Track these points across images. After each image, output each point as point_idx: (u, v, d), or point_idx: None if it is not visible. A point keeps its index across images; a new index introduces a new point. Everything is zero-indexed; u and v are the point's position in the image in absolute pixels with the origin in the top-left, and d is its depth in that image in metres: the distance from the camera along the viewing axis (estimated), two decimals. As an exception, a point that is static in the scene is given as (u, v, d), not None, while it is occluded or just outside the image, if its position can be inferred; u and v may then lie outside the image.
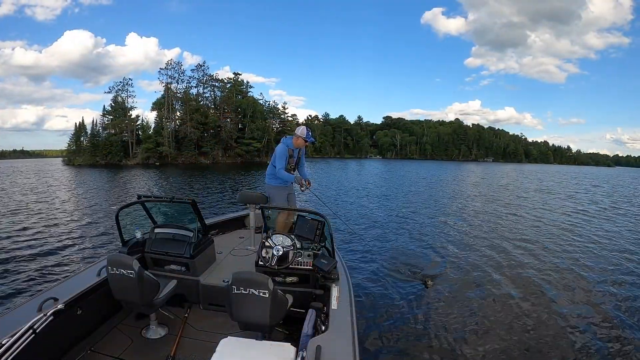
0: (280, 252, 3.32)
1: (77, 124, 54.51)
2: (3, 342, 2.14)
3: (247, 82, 68.78)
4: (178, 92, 59.74)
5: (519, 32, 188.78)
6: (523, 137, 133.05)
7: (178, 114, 58.98)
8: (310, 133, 4.67)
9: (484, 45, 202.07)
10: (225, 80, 65.72)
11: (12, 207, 13.15)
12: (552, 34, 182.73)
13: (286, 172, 4.57)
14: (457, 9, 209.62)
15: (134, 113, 56.59)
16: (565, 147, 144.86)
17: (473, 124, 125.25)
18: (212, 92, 64.35)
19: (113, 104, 55.45)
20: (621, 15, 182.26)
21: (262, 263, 3.40)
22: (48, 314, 2.47)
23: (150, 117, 59.47)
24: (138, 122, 56.75)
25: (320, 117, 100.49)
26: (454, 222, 11.58)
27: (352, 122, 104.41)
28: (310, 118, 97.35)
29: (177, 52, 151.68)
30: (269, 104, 70.07)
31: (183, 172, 34.00)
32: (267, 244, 3.45)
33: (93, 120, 55.44)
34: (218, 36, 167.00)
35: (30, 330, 2.30)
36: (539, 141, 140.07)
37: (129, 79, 60.64)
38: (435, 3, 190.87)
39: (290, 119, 73.52)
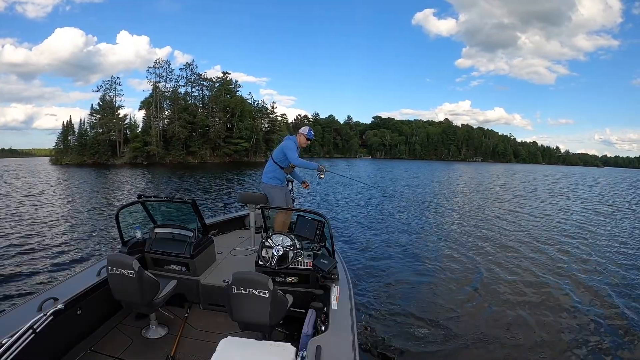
0: (280, 252, 3.34)
1: (65, 123, 53.38)
2: (3, 342, 2.13)
3: (236, 81, 68.54)
4: (166, 91, 59.04)
5: (510, 33, 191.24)
6: (512, 138, 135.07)
7: (166, 113, 58.24)
8: (312, 132, 4.78)
9: (475, 46, 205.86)
10: (214, 80, 65.30)
11: (10, 207, 12.83)
12: (542, 35, 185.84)
13: (304, 160, 4.53)
14: (448, 10, 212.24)
15: (122, 112, 55.78)
16: (554, 147, 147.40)
17: (462, 124, 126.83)
18: (200, 92, 63.91)
19: (101, 103, 54.46)
20: (610, 18, 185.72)
21: (262, 263, 3.40)
22: (48, 314, 2.45)
23: (139, 116, 58.86)
24: (126, 121, 55.96)
25: (310, 116, 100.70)
26: (452, 220, 11.86)
27: (341, 122, 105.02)
28: (300, 117, 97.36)
29: (168, 50, 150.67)
30: (257, 104, 69.86)
31: (171, 172, 33.54)
32: (267, 244, 3.46)
33: (81, 119, 54.42)
34: (209, 35, 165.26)
35: (30, 330, 2.28)
36: (528, 141, 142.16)
37: (117, 77, 59.68)
38: (427, 4, 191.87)
39: (279, 118, 73.34)
